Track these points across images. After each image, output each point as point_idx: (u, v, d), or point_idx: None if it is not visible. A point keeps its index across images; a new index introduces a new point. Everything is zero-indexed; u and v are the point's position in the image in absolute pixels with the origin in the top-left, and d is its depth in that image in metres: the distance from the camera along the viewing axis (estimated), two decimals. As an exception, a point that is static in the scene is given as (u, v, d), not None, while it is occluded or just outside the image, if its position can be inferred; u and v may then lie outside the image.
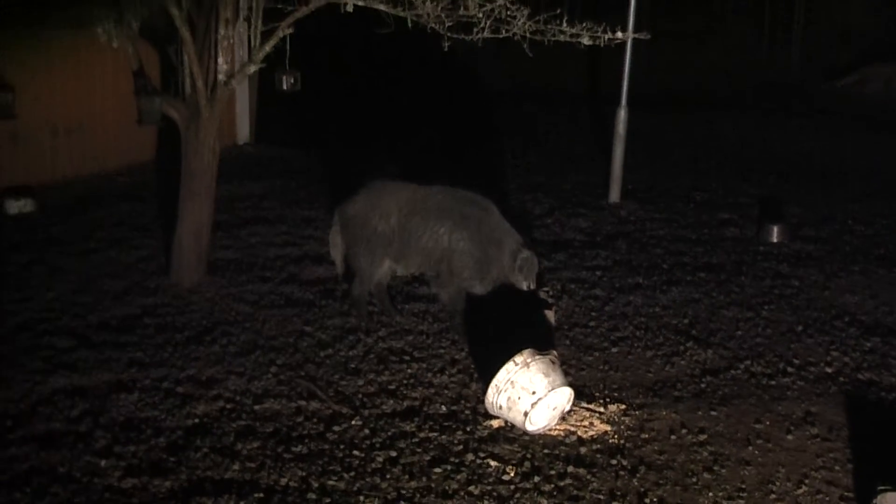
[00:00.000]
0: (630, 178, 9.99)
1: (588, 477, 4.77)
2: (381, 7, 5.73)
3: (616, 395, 5.62)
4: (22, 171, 9.13)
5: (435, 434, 5.11)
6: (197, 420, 5.17)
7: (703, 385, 5.78)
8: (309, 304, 6.80)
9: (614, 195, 9.63)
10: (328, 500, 4.53)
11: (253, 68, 6.49)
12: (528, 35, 5.56)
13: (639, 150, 11.04)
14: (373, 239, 6.36)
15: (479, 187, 6.54)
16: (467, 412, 5.36)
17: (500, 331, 6.11)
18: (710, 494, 4.68)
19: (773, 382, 5.84)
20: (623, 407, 5.45)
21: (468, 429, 5.18)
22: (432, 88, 15.72)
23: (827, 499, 4.67)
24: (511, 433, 5.14)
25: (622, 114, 9.38)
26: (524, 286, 6.17)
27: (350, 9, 5.74)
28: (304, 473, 4.72)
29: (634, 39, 6.56)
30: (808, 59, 19.20)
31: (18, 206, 8.53)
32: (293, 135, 12.43)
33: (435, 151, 11.69)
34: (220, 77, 6.53)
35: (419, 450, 4.96)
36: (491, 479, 4.72)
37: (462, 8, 5.49)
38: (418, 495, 4.58)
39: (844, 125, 13.98)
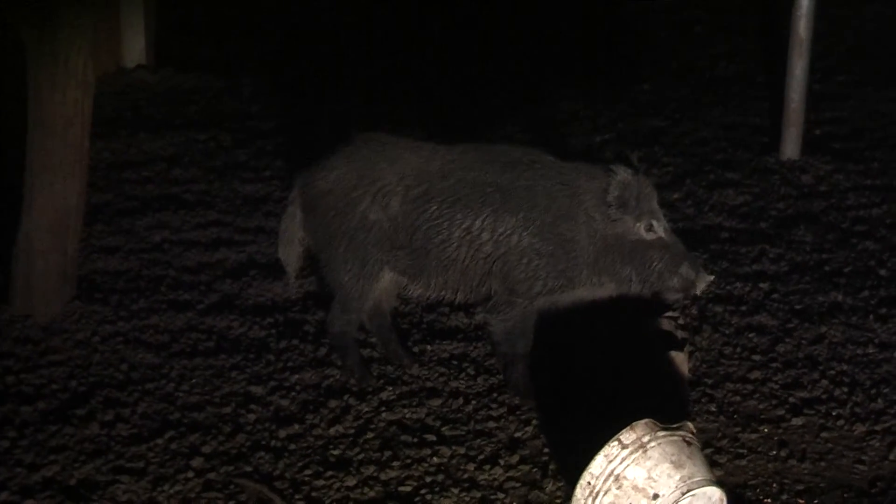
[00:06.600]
0: (819, 115, 9.91)
1: None
2: None
3: (803, 500, 5.58)
4: None
5: (483, 573, 5.15)
6: (64, 555, 5.24)
7: (958, 486, 5.75)
8: (259, 347, 6.85)
9: (791, 147, 9.64)
10: None
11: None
12: None
13: (835, 64, 10.95)
14: (359, 234, 6.39)
15: (546, 143, 6.50)
16: (539, 533, 5.38)
17: (592, 388, 6.07)
18: None
19: None
20: (816, 522, 5.44)
21: (541, 562, 5.21)
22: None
23: None
24: (617, 569, 5.12)
25: (804, 1, 9.34)
26: (648, 235, 6.12)
27: None
28: None
29: None
30: None
31: None
32: (226, 50, 12.49)
33: (473, 79, 11.67)
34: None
35: None
36: None
37: None
38: None
39: None
